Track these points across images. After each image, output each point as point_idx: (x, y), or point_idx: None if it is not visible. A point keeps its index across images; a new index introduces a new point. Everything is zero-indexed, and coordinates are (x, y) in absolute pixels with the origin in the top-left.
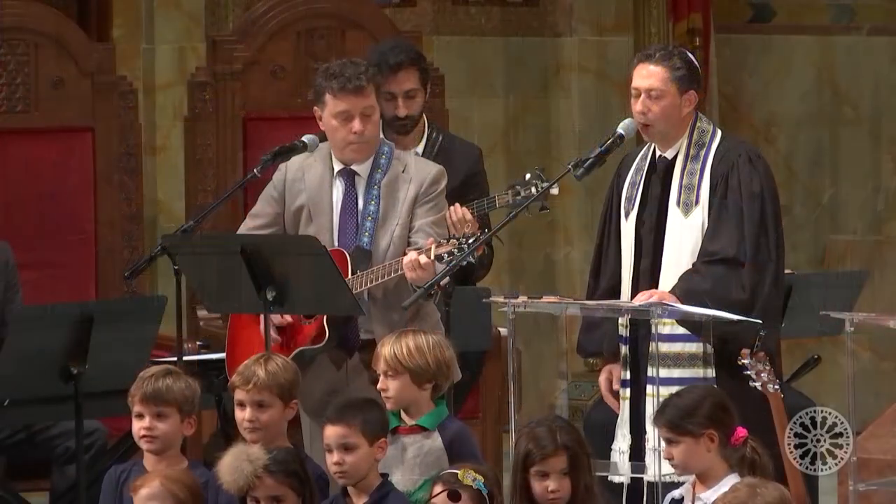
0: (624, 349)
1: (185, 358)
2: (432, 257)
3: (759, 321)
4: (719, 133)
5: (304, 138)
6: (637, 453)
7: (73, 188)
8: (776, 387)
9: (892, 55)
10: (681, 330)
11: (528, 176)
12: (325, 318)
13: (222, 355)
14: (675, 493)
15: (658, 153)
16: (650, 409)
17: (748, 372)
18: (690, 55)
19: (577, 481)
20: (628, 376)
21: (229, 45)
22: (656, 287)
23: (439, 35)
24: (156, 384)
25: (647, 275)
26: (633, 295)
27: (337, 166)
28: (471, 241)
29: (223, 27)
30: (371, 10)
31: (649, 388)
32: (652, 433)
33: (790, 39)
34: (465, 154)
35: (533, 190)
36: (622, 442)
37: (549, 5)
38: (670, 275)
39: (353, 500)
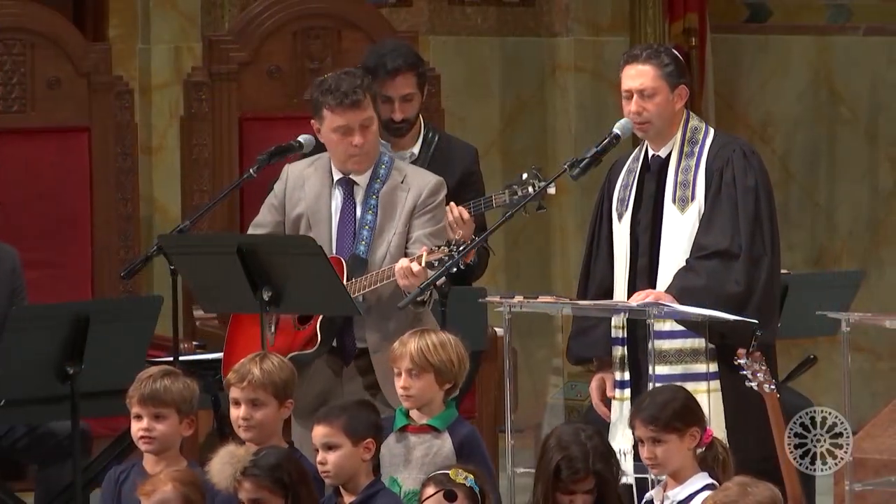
0: (620, 350)
1: (181, 358)
2: (423, 264)
3: (756, 321)
4: (712, 130)
5: (301, 138)
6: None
7: (69, 188)
8: (772, 387)
9: (889, 55)
10: (681, 326)
11: (524, 176)
12: (317, 324)
13: (218, 355)
14: (647, 496)
15: (651, 153)
16: None
17: (744, 372)
18: (674, 51)
19: (602, 500)
20: (626, 377)
21: (225, 46)
22: (653, 285)
23: (435, 35)
24: (153, 385)
25: (645, 273)
26: (630, 294)
27: (336, 175)
28: (461, 247)
29: (219, 27)
30: (367, 10)
31: (651, 387)
32: (621, 434)
33: (787, 39)
34: (462, 154)
35: (530, 190)
36: (623, 442)
37: (545, 5)
38: (667, 272)
39: (344, 500)
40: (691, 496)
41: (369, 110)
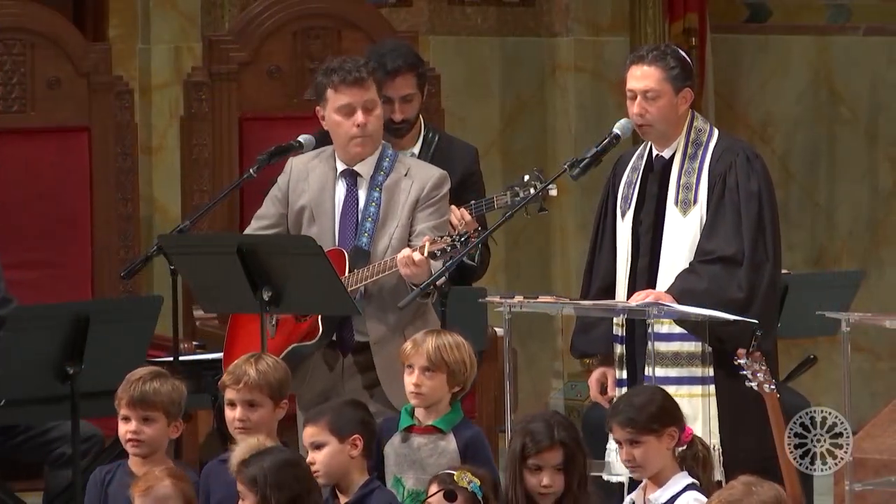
0: (619, 348)
1: (181, 358)
2: (426, 254)
3: (756, 321)
4: (716, 132)
5: (301, 138)
6: None
7: (69, 188)
8: (772, 387)
9: (889, 55)
10: (679, 329)
11: (526, 177)
12: (318, 315)
13: (219, 355)
14: (627, 499)
15: (655, 152)
16: None
17: (744, 372)
18: (682, 52)
19: (571, 477)
20: (625, 376)
21: (225, 46)
22: (653, 286)
23: (435, 35)
24: (143, 388)
25: (645, 274)
26: (629, 294)
27: (340, 167)
28: (464, 238)
29: (219, 27)
30: (367, 9)
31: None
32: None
33: (786, 39)
34: (462, 154)
35: (531, 191)
36: None
37: (545, 5)
38: (668, 274)
39: (340, 500)
40: (674, 498)
41: (372, 92)
